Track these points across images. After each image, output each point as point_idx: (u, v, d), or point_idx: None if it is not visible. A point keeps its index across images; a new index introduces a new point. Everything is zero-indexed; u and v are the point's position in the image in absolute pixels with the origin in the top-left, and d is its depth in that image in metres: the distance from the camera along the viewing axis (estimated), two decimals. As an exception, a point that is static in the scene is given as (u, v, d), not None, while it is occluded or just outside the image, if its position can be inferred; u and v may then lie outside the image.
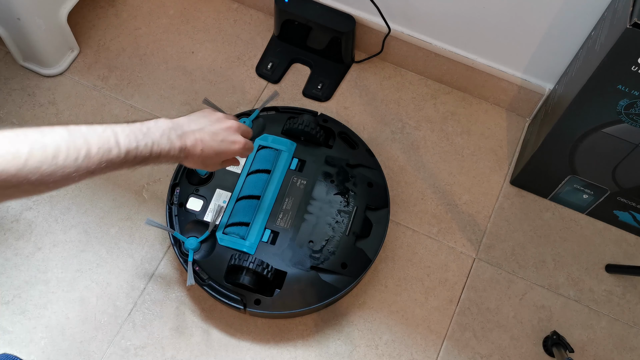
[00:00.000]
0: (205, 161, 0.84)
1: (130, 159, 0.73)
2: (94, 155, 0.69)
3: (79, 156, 0.67)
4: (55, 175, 0.65)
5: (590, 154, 1.02)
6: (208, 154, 0.83)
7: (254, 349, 1.04)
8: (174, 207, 1.05)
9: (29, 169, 0.63)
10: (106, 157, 0.70)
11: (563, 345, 1.02)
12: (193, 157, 0.82)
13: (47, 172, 0.64)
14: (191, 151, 0.80)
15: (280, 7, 1.23)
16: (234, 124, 0.86)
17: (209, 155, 0.83)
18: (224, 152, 0.84)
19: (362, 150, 1.12)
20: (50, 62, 1.24)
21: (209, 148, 0.83)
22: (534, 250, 1.14)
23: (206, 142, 0.82)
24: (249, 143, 0.88)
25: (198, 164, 0.84)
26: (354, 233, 1.04)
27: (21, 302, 1.05)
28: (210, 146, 0.83)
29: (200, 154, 0.82)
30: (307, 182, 1.07)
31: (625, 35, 0.78)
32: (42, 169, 0.64)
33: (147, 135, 0.75)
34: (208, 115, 0.85)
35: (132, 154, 0.73)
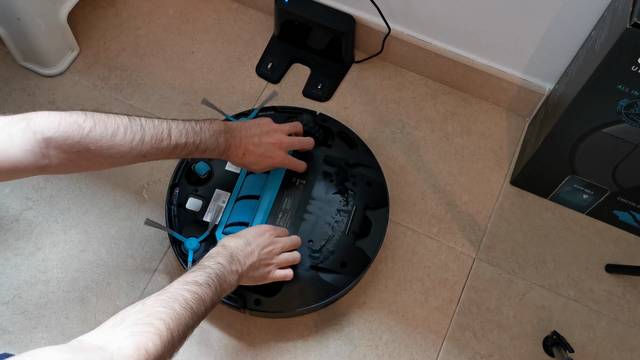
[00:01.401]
0: (246, 165, 0.96)
1: (178, 151, 0.85)
2: (147, 142, 0.80)
3: (134, 139, 0.79)
4: (112, 151, 0.77)
5: (590, 154, 1.02)
6: (249, 160, 0.94)
7: (254, 349, 1.04)
8: (173, 207, 1.05)
9: (90, 140, 0.74)
10: (157, 146, 0.81)
11: (563, 345, 1.02)
12: (234, 159, 0.93)
13: (105, 145, 0.76)
14: (233, 153, 0.92)
15: (280, 7, 1.23)
16: (281, 139, 0.98)
17: (250, 161, 0.95)
18: (263, 163, 0.96)
19: (361, 150, 1.12)
20: (50, 62, 1.24)
21: (250, 155, 0.94)
22: (534, 250, 1.14)
23: (249, 150, 0.93)
24: (288, 159, 1.00)
25: (239, 165, 0.96)
26: (353, 232, 1.04)
27: (21, 302, 1.06)
28: (251, 154, 0.94)
29: (242, 159, 0.94)
30: (307, 182, 1.07)
31: (625, 35, 0.78)
32: (101, 142, 0.76)
33: (198, 134, 0.86)
34: (263, 125, 0.97)
35: (180, 147, 0.84)
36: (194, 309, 0.71)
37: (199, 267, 0.79)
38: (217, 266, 0.80)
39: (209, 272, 0.78)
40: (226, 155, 0.92)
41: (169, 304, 0.69)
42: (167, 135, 0.82)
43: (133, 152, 0.79)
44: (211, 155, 0.90)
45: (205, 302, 0.74)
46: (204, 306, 0.73)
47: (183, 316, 0.69)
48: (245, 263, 0.86)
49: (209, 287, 0.75)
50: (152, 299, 0.69)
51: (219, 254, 0.83)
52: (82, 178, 1.16)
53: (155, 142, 0.81)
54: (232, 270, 0.82)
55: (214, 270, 0.79)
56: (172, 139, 0.83)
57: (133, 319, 0.65)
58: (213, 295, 0.76)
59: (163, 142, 0.82)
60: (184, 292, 0.72)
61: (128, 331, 0.63)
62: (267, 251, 0.90)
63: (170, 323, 0.66)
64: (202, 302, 0.73)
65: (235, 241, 0.87)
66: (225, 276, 0.80)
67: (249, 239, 0.89)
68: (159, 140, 0.81)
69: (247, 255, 0.86)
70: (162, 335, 0.64)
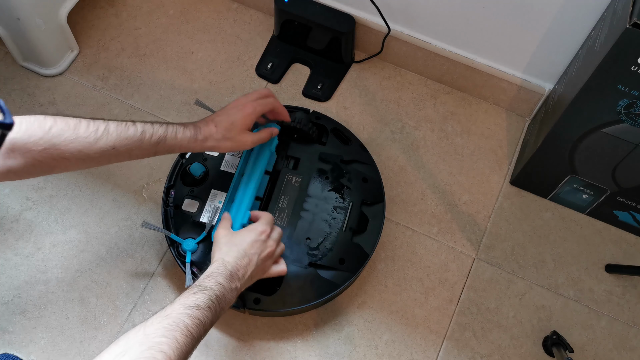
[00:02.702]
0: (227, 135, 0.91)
1: (148, 139, 0.83)
2: (112, 131, 0.79)
3: (98, 129, 0.78)
4: (77, 144, 0.76)
5: (590, 154, 1.02)
6: (224, 126, 0.91)
7: (253, 349, 1.04)
8: (169, 209, 1.05)
9: (53, 134, 0.74)
10: (124, 134, 0.80)
11: (563, 345, 1.02)
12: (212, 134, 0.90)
13: (69, 138, 0.76)
14: (207, 130, 0.89)
15: (280, 7, 1.23)
16: (244, 95, 0.95)
17: (226, 126, 0.91)
18: (237, 118, 0.92)
19: (356, 146, 1.13)
20: (50, 62, 1.24)
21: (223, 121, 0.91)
22: (533, 250, 1.14)
23: (219, 120, 0.91)
24: (262, 101, 0.96)
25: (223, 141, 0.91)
26: (350, 228, 1.04)
27: (21, 302, 1.06)
28: (223, 120, 0.91)
29: (216, 129, 0.90)
30: (302, 180, 1.07)
31: (625, 35, 0.78)
32: (64, 135, 0.75)
33: (165, 123, 0.86)
34: None
35: (148, 134, 0.83)
36: (195, 335, 0.71)
37: (200, 288, 0.78)
38: (218, 287, 0.79)
39: (210, 295, 0.77)
40: (201, 135, 0.89)
41: (170, 333, 0.68)
42: (132, 124, 0.82)
43: (100, 144, 0.78)
44: (187, 142, 0.87)
45: (205, 326, 0.74)
46: (204, 329, 0.73)
47: (184, 344, 0.69)
48: (245, 277, 0.85)
49: (210, 310, 0.75)
50: (155, 327, 0.69)
51: (220, 273, 0.82)
52: (82, 178, 1.16)
53: (121, 131, 0.80)
54: (232, 288, 0.82)
55: (214, 292, 0.78)
56: (138, 127, 0.82)
57: (135, 351, 0.65)
58: (213, 317, 0.76)
59: (129, 130, 0.81)
60: (185, 318, 0.71)
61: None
62: (264, 257, 0.89)
63: (171, 355, 0.66)
64: (203, 326, 0.73)
65: (233, 256, 0.85)
66: (225, 296, 0.80)
67: (245, 248, 0.87)
68: (124, 128, 0.81)
69: (245, 268, 0.85)
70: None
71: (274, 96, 0.99)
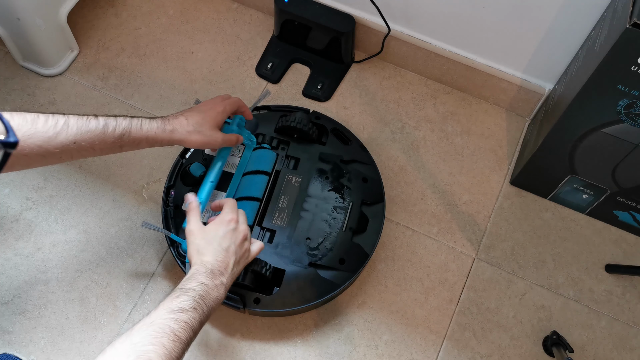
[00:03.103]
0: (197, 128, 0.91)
1: (111, 132, 0.81)
2: (72, 124, 0.77)
3: (57, 123, 0.76)
4: (35, 139, 0.74)
5: (590, 154, 1.02)
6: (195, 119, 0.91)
7: (253, 349, 1.04)
8: (169, 209, 1.05)
9: None
10: (85, 128, 0.78)
11: (563, 345, 1.02)
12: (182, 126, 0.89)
13: (27, 133, 0.73)
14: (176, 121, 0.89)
15: (280, 7, 1.23)
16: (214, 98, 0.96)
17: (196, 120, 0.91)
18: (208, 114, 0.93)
19: (356, 146, 1.13)
20: (50, 62, 1.24)
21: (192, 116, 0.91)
22: (533, 250, 1.14)
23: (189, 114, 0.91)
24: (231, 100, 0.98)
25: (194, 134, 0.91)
26: (350, 228, 1.04)
27: (21, 302, 1.06)
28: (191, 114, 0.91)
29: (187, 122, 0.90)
30: (302, 180, 1.07)
31: (625, 35, 0.78)
32: (22, 130, 0.73)
33: (130, 116, 0.85)
34: None
35: (111, 127, 0.81)
36: (183, 338, 0.70)
37: (182, 290, 0.76)
38: (200, 287, 0.78)
39: (194, 295, 0.75)
40: (170, 126, 0.88)
41: (157, 339, 0.68)
42: (95, 117, 0.80)
43: (60, 138, 0.76)
44: (155, 133, 0.86)
45: (193, 327, 0.73)
46: (192, 332, 0.72)
47: (172, 350, 0.68)
48: (227, 269, 0.83)
49: (196, 310, 0.74)
50: (141, 335, 0.68)
51: (200, 273, 0.80)
52: (82, 178, 1.16)
53: (82, 125, 0.78)
54: (216, 284, 0.80)
55: (197, 292, 0.76)
56: (100, 120, 0.80)
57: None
58: (201, 317, 0.75)
59: (90, 123, 0.79)
60: (170, 323, 0.70)
61: None
62: (239, 243, 0.87)
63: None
64: (191, 329, 0.72)
65: (209, 254, 0.83)
66: (210, 294, 0.78)
67: (220, 242, 0.85)
68: (85, 122, 0.78)
69: (225, 262, 0.84)
70: None
71: (238, 99, 1.00)
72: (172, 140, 0.88)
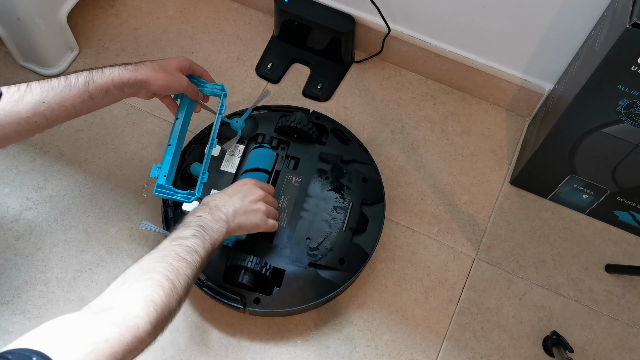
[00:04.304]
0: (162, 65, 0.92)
1: (74, 82, 0.83)
2: (35, 86, 0.79)
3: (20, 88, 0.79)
4: (4, 103, 0.76)
5: (590, 154, 1.02)
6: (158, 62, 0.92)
7: (253, 349, 1.04)
8: (169, 209, 1.05)
9: None
10: (48, 85, 0.80)
11: (563, 345, 1.02)
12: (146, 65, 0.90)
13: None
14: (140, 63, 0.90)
15: (280, 7, 1.23)
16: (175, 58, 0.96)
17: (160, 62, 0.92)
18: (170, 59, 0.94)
19: (356, 146, 1.13)
20: (50, 62, 1.24)
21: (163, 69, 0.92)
22: (533, 250, 1.14)
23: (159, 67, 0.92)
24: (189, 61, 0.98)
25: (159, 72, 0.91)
26: (350, 228, 1.04)
27: (21, 302, 1.06)
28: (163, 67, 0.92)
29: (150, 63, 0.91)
30: (302, 180, 1.07)
31: (625, 35, 0.78)
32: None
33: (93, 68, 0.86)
34: None
35: (72, 77, 0.84)
36: (188, 259, 0.74)
37: (182, 224, 0.81)
38: (198, 218, 0.81)
39: (193, 226, 0.79)
40: (132, 65, 0.89)
41: (162, 259, 0.72)
42: (56, 77, 0.81)
43: (26, 99, 0.78)
44: (119, 74, 0.86)
45: (198, 252, 0.76)
46: (198, 255, 0.76)
47: (179, 267, 0.72)
48: (229, 210, 0.86)
49: (196, 237, 0.77)
50: (146, 259, 0.72)
51: (198, 209, 0.85)
52: (82, 178, 1.16)
53: (44, 84, 0.80)
54: (216, 218, 0.83)
55: (195, 222, 0.80)
56: (62, 77, 0.81)
57: (133, 278, 0.69)
58: (204, 244, 0.78)
59: (52, 81, 0.81)
60: (174, 247, 0.74)
61: (132, 289, 0.67)
62: (251, 199, 0.91)
63: (168, 274, 0.70)
64: (195, 252, 0.75)
65: (215, 196, 0.89)
66: (210, 225, 0.82)
67: (228, 192, 0.91)
68: (47, 81, 0.80)
69: (228, 203, 0.87)
70: (163, 285, 0.68)
71: None
72: (138, 79, 0.88)
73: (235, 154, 1.09)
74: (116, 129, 1.21)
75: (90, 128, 1.21)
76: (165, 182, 0.98)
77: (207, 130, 1.13)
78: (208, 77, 1.03)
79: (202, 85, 1.02)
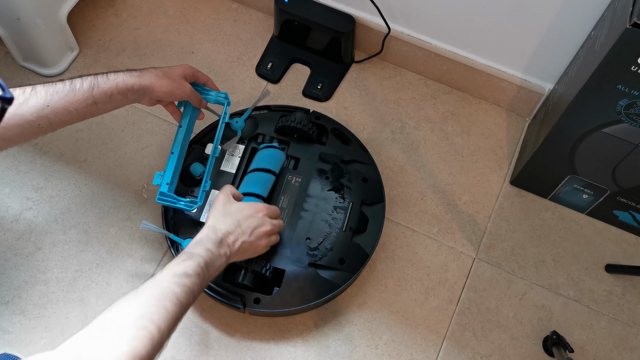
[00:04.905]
0: (167, 72, 0.93)
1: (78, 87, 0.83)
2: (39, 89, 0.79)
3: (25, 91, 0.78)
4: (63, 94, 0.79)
5: (590, 154, 1.02)
6: (163, 69, 0.93)
7: (253, 349, 1.04)
8: (169, 209, 1.05)
9: None
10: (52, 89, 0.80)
11: (563, 345, 1.02)
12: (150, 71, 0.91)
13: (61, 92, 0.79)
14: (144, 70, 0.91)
15: (280, 7, 1.23)
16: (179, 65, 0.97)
17: (164, 69, 0.93)
18: (174, 67, 0.95)
19: (356, 146, 1.13)
20: (50, 62, 1.24)
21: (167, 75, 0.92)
22: (533, 250, 1.14)
23: (165, 74, 0.92)
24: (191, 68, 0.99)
25: (163, 79, 0.92)
26: (350, 228, 1.04)
27: (21, 302, 1.06)
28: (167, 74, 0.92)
29: (155, 70, 0.92)
30: (302, 180, 1.07)
31: (625, 35, 0.78)
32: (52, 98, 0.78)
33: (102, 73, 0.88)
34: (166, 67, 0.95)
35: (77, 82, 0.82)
36: (184, 302, 0.72)
37: (189, 255, 0.78)
38: (207, 253, 0.80)
39: (199, 261, 0.77)
40: (137, 71, 0.89)
41: (160, 302, 0.70)
42: (61, 81, 0.81)
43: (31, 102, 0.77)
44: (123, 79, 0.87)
45: (194, 293, 0.75)
46: (192, 297, 0.74)
47: (173, 313, 0.70)
48: (235, 246, 0.86)
49: (198, 276, 0.76)
50: (145, 295, 0.70)
51: (209, 239, 0.82)
52: (82, 178, 1.16)
53: (49, 87, 0.79)
54: (221, 254, 0.82)
55: (203, 258, 0.78)
56: (67, 81, 0.81)
57: (126, 321, 0.66)
58: (201, 283, 0.77)
59: (57, 85, 0.80)
60: (174, 287, 0.72)
61: (123, 337, 0.64)
62: (260, 233, 0.90)
63: (161, 325, 0.67)
64: (192, 294, 0.74)
65: (225, 223, 0.86)
66: (213, 262, 0.80)
67: (239, 219, 0.88)
68: (52, 85, 0.80)
69: (237, 237, 0.86)
70: (153, 338, 0.66)
71: None
72: (142, 85, 0.89)
73: (235, 154, 1.09)
74: (116, 129, 1.21)
75: (90, 128, 1.21)
76: (167, 190, 0.98)
77: (207, 130, 1.13)
78: (212, 85, 1.04)
79: (205, 93, 1.03)
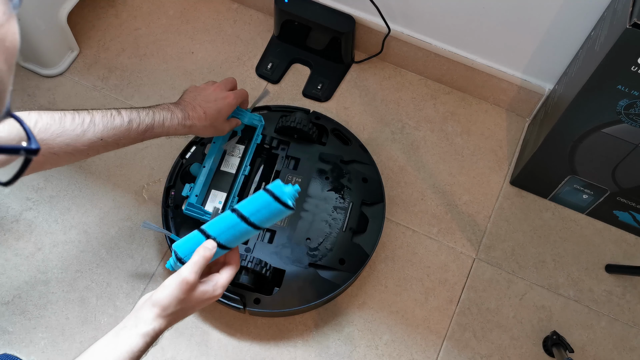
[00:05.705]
0: (213, 122, 0.94)
1: (135, 127, 0.84)
2: (98, 122, 0.80)
3: (84, 121, 0.78)
4: (64, 137, 0.76)
5: (590, 154, 1.02)
6: (212, 113, 0.93)
7: (253, 349, 1.04)
8: (169, 209, 1.05)
9: (40, 129, 0.74)
10: (110, 125, 0.81)
11: (563, 345, 1.02)
12: (200, 121, 0.92)
13: (56, 132, 0.76)
14: (195, 116, 0.91)
15: (280, 7, 1.23)
16: (217, 85, 0.98)
17: (213, 114, 0.94)
18: (223, 107, 0.95)
19: (356, 146, 1.13)
20: (50, 62, 1.24)
21: (210, 108, 0.93)
22: (533, 250, 1.14)
23: (204, 105, 0.93)
24: (239, 92, 1.00)
25: (208, 128, 0.94)
26: (350, 229, 1.04)
27: (21, 302, 1.06)
28: (209, 108, 0.93)
29: (205, 116, 0.92)
30: (302, 180, 1.07)
31: (625, 35, 0.78)
32: (52, 130, 0.75)
33: (151, 109, 0.87)
34: (196, 89, 0.97)
35: (135, 122, 0.84)
36: None
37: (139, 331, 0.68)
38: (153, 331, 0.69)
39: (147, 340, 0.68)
40: (189, 121, 0.91)
41: None
42: (118, 113, 0.83)
43: (87, 136, 0.79)
44: (175, 128, 0.89)
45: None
46: None
47: None
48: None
49: None
50: None
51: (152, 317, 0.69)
52: (82, 178, 1.16)
53: (107, 122, 0.81)
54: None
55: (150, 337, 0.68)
56: (124, 116, 0.83)
57: None
58: None
59: (115, 121, 0.82)
60: None
61: None
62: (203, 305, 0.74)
63: None
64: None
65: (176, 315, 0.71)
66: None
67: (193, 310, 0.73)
68: (110, 119, 0.81)
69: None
70: None
71: (245, 92, 1.04)
72: (188, 133, 0.93)
73: (235, 154, 1.09)
74: (116, 129, 1.21)
75: (90, 128, 1.21)
76: (196, 202, 0.99)
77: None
78: (244, 103, 1.06)
79: (241, 114, 1.05)
